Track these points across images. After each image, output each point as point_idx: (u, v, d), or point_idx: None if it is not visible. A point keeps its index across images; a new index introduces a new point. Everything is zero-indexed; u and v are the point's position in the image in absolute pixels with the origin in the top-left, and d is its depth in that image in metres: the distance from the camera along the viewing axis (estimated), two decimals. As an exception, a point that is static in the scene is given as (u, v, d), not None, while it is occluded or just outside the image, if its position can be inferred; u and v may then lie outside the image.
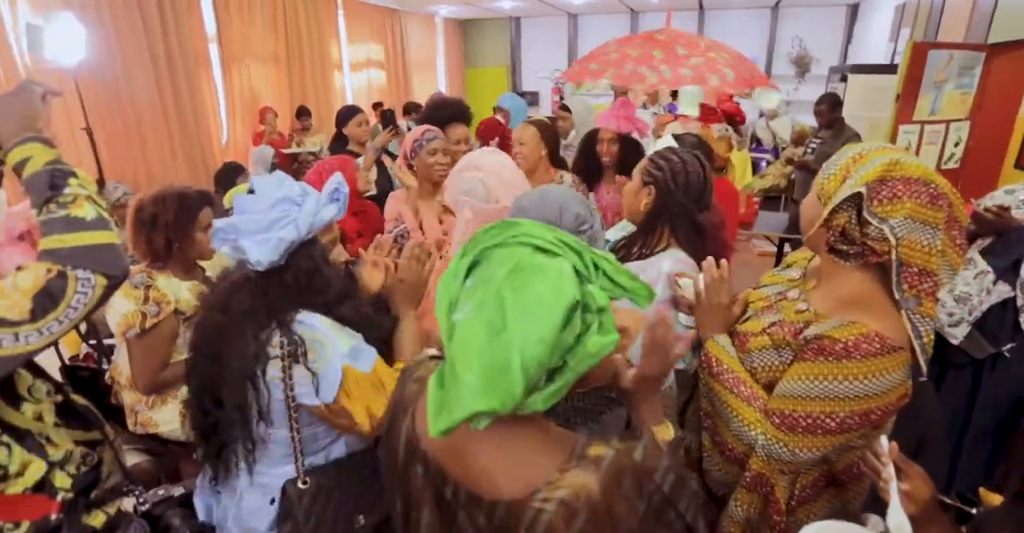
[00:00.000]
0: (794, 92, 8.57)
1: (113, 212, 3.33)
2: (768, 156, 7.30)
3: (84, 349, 2.13)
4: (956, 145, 3.85)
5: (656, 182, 1.38)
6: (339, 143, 3.24)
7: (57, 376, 1.83)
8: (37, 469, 0.89)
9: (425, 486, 0.70)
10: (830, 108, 4.14)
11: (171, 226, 1.56)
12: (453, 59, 10.14)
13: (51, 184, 0.87)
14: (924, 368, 0.89)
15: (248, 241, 0.97)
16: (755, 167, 6.91)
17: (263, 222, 0.97)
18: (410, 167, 2.18)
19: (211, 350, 1.04)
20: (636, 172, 1.44)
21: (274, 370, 1.02)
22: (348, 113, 3.15)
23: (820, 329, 0.92)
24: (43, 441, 0.92)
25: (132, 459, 1.65)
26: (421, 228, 2.08)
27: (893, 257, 0.87)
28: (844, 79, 5.03)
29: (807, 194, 1.00)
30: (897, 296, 0.88)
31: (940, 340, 1.85)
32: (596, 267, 0.63)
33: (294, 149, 5.67)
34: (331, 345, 1.02)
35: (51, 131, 0.97)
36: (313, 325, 1.04)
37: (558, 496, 0.61)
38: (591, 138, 2.48)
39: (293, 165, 5.59)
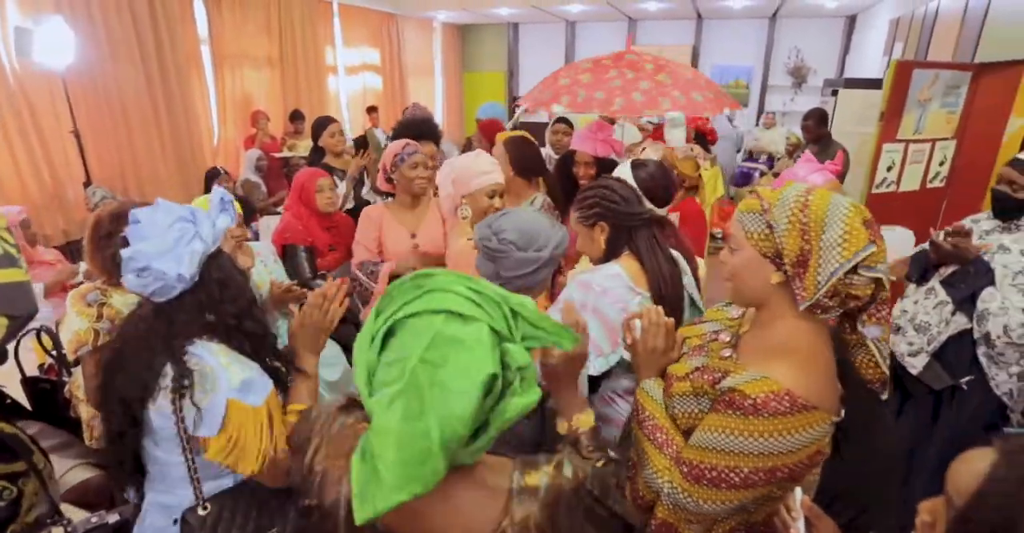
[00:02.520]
0: (791, 103, 8.57)
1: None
2: (762, 167, 7.30)
3: (50, 360, 2.13)
4: (941, 164, 3.84)
5: (599, 216, 1.37)
6: (317, 154, 3.23)
7: (18, 388, 1.85)
8: None
9: None
10: (817, 124, 4.14)
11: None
12: (451, 64, 10.13)
13: None
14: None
15: (161, 262, 0.98)
16: (748, 178, 6.91)
17: (168, 242, 0.99)
18: (389, 181, 2.20)
19: (110, 379, 1.07)
20: (574, 223, 1.42)
21: (163, 400, 1.03)
22: (321, 124, 3.14)
23: (734, 382, 0.90)
24: None
25: (85, 474, 1.65)
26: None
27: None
28: (836, 92, 5.02)
29: None
30: (860, 328, 0.90)
31: (899, 369, 1.85)
32: (516, 315, 0.63)
33: (285, 153, 5.66)
34: (221, 379, 1.03)
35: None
36: (203, 357, 1.04)
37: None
38: (567, 160, 2.47)
39: (284, 169, 5.57)
